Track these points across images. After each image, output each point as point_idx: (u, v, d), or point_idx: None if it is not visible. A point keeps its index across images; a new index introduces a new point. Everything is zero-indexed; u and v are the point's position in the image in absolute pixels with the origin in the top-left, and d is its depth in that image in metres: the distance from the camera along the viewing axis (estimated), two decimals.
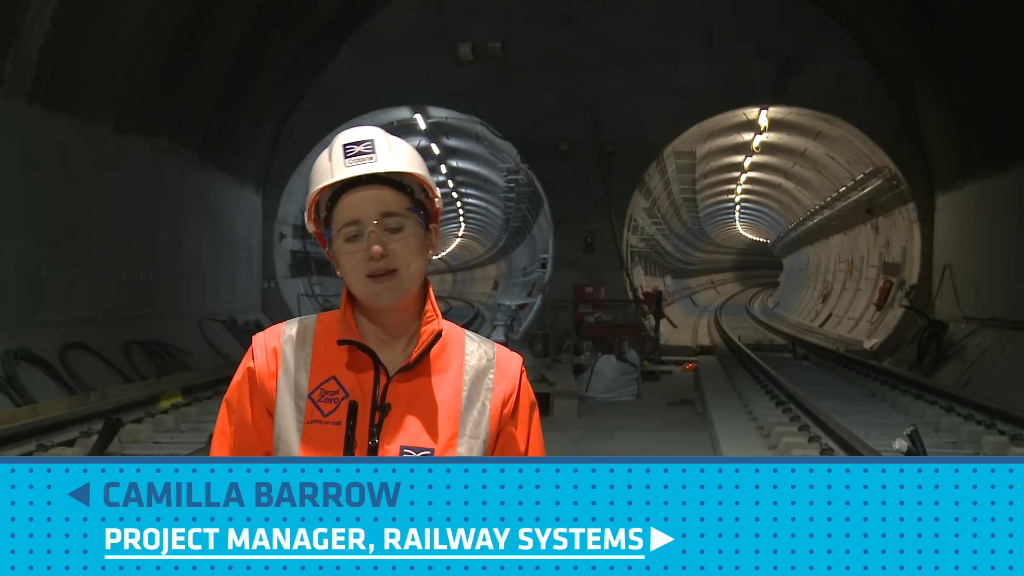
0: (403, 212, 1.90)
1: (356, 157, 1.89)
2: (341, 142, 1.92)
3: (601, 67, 22.14)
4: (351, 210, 1.88)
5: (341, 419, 1.87)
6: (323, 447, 1.85)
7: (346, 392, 1.89)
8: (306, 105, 22.62)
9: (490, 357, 1.98)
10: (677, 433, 11.77)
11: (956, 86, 17.50)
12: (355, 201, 1.89)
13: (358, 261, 1.88)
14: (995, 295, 16.77)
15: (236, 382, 1.99)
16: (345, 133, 1.94)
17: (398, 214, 1.89)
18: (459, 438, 1.89)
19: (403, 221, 1.90)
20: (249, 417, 1.95)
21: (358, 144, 1.90)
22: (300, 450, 1.87)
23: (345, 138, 1.93)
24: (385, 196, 1.89)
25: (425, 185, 1.94)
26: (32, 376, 12.21)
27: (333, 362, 1.93)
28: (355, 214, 1.88)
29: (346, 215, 1.89)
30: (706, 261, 67.12)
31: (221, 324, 19.44)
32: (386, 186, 1.90)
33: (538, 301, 26.57)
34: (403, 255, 1.89)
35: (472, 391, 1.94)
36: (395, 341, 1.94)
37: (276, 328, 2.00)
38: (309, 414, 1.89)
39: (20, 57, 12.37)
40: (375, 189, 1.89)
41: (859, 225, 32.20)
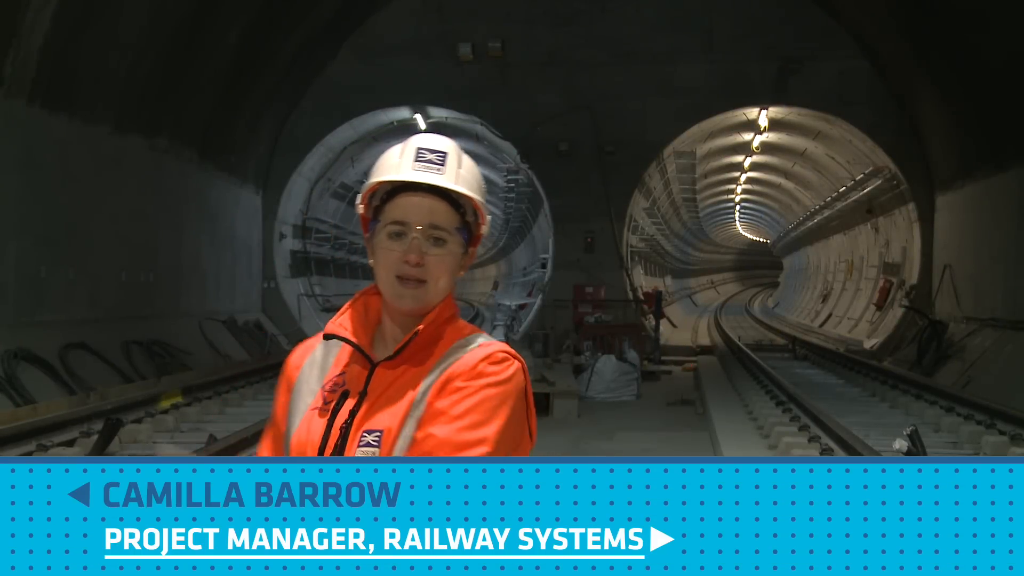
0: (450, 229, 1.96)
1: (425, 164, 1.95)
2: (416, 144, 1.98)
3: (601, 67, 22.14)
4: (402, 211, 1.94)
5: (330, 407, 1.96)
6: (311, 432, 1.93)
7: (344, 383, 1.98)
8: (306, 105, 22.61)
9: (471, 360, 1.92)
10: (677, 433, 11.77)
11: (956, 86, 17.50)
12: (409, 204, 1.94)
13: (394, 260, 1.94)
14: (995, 295, 16.77)
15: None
16: (422, 136, 2.01)
17: (445, 229, 1.95)
18: (407, 419, 1.87)
19: (447, 237, 1.95)
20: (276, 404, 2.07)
21: (431, 152, 1.96)
22: (293, 436, 1.95)
23: (421, 141, 1.99)
24: (438, 209, 1.95)
25: (478, 211, 2.00)
26: (32, 376, 12.21)
27: (351, 356, 2.02)
28: (405, 216, 1.94)
29: (396, 214, 1.94)
30: (706, 261, 67.13)
31: (221, 324, 19.44)
32: (442, 200, 1.95)
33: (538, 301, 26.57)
34: (436, 270, 1.95)
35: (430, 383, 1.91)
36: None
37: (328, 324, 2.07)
38: (314, 403, 1.98)
39: (20, 57, 12.37)
40: (431, 199, 1.94)
41: (859, 225, 32.22)
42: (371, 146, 26.62)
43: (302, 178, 24.32)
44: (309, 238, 26.59)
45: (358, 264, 33.96)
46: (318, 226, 27.31)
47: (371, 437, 1.89)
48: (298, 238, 25.68)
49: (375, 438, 1.88)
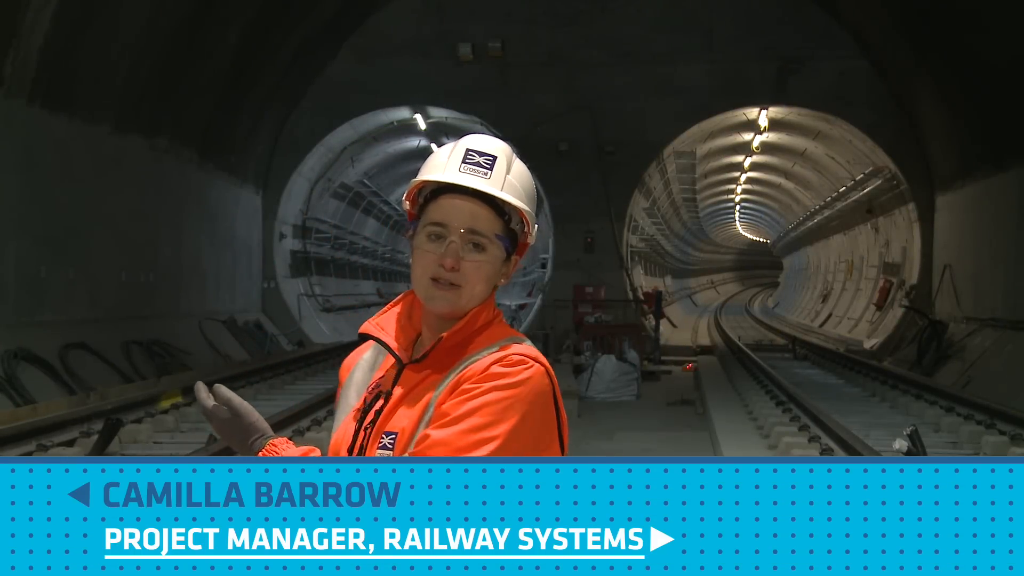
0: (491, 236, 1.90)
1: (473, 167, 1.90)
2: (466, 145, 1.93)
3: (601, 67, 22.15)
4: (444, 213, 1.90)
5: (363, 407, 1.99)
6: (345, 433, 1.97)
7: (379, 384, 1.99)
8: (306, 105, 22.62)
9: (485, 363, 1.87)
10: (677, 433, 11.77)
11: (956, 86, 17.51)
12: (451, 206, 1.90)
13: (430, 261, 1.89)
14: (995, 295, 16.77)
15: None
16: (474, 138, 1.95)
17: (485, 235, 1.90)
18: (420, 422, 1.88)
19: (487, 243, 1.90)
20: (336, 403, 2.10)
21: (480, 154, 1.91)
22: (333, 436, 2.01)
23: (471, 143, 1.93)
24: (481, 214, 1.90)
25: (524, 220, 1.94)
26: (32, 376, 12.21)
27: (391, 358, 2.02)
28: (446, 218, 1.89)
29: (438, 215, 1.90)
30: (706, 261, 67.12)
31: (221, 324, 19.44)
32: (487, 205, 1.90)
33: (538, 301, 26.56)
34: (472, 276, 1.89)
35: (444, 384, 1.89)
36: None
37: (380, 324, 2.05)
38: (358, 403, 2.01)
39: (20, 57, 12.37)
40: (475, 204, 1.89)
41: (859, 225, 32.21)
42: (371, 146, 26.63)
43: (302, 178, 24.33)
44: (309, 238, 26.60)
45: (358, 264, 33.97)
46: (318, 226, 27.32)
47: (387, 439, 1.89)
48: (298, 238, 25.69)
49: (391, 440, 1.88)
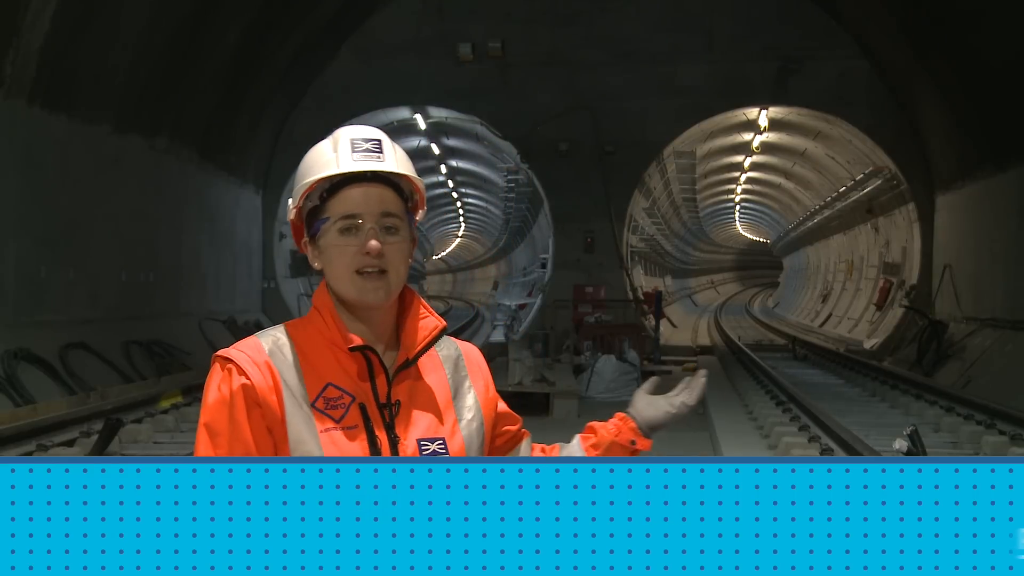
0: (401, 215, 1.92)
1: (364, 153, 1.90)
2: (348, 136, 1.93)
3: (601, 67, 22.14)
4: (353, 204, 1.89)
5: (356, 422, 1.87)
6: (346, 452, 1.84)
7: (352, 396, 1.89)
8: (306, 105, 22.61)
9: (456, 347, 2.08)
10: (677, 433, 11.76)
11: (956, 86, 17.50)
12: (358, 196, 1.89)
13: (351, 255, 1.88)
14: (995, 295, 16.77)
15: (220, 402, 1.85)
16: (350, 128, 1.96)
17: (397, 215, 1.91)
18: (459, 424, 1.96)
19: (400, 224, 1.92)
20: (248, 436, 1.83)
21: (366, 141, 1.92)
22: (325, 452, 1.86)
23: (351, 133, 1.94)
24: (387, 196, 1.91)
25: (419, 193, 1.98)
26: (32, 376, 12.21)
27: (324, 369, 1.90)
28: (357, 208, 1.88)
29: (346, 208, 1.89)
30: (706, 261, 67.14)
31: (221, 324, 19.44)
32: (388, 187, 1.91)
33: (538, 301, 26.57)
34: (395, 258, 1.90)
35: (454, 379, 2.01)
36: (377, 342, 1.95)
37: (250, 343, 1.90)
38: (319, 423, 1.85)
39: (20, 57, 12.37)
40: (378, 188, 1.90)
41: (859, 225, 32.22)
42: None
43: None
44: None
45: None
46: None
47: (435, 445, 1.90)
48: None
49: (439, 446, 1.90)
